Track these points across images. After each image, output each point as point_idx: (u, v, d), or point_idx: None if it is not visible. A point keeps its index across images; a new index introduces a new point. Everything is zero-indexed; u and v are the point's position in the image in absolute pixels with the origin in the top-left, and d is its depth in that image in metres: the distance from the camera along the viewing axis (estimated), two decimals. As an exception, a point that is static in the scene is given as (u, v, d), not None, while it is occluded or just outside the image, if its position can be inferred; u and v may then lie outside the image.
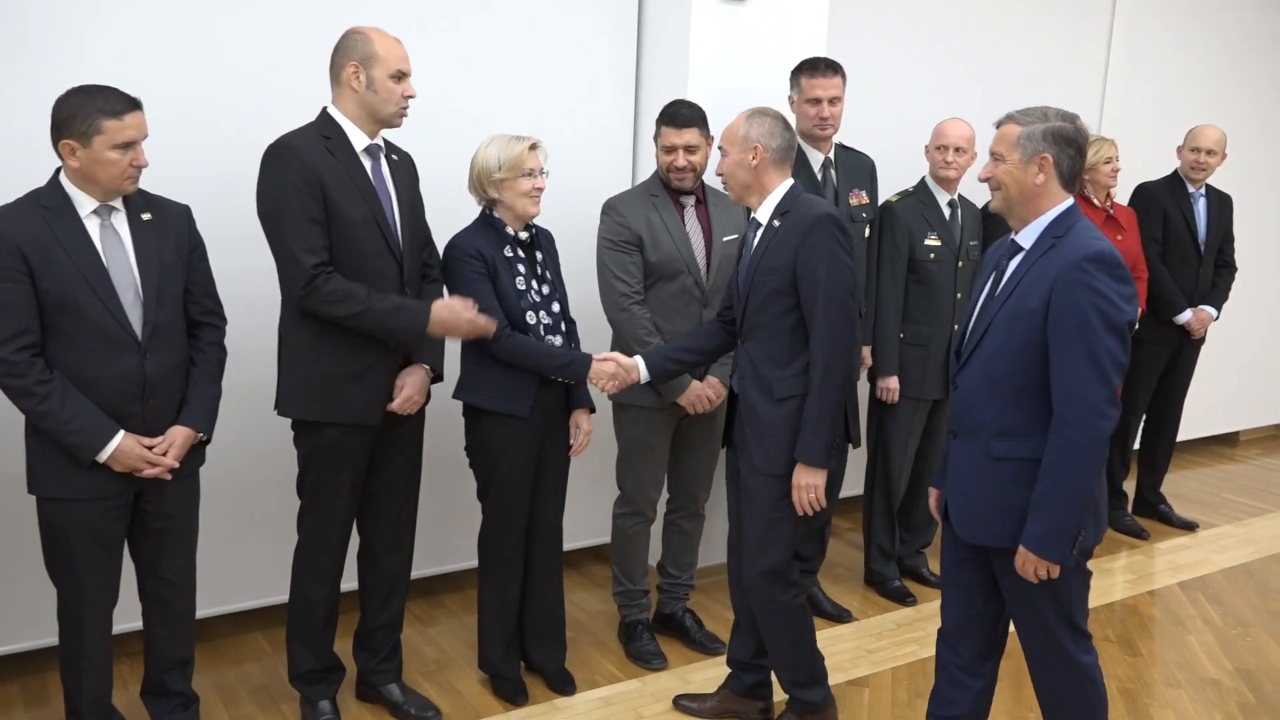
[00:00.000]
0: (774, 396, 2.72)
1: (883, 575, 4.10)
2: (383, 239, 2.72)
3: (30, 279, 2.35)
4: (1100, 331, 2.15)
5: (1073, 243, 2.23)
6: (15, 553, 3.01)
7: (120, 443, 2.43)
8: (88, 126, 2.34)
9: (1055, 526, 2.21)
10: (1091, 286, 2.16)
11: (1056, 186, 2.29)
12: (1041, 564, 2.24)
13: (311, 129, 2.70)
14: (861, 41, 4.45)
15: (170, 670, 2.77)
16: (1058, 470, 2.20)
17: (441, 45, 3.53)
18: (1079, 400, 2.16)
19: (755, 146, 2.70)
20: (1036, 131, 2.28)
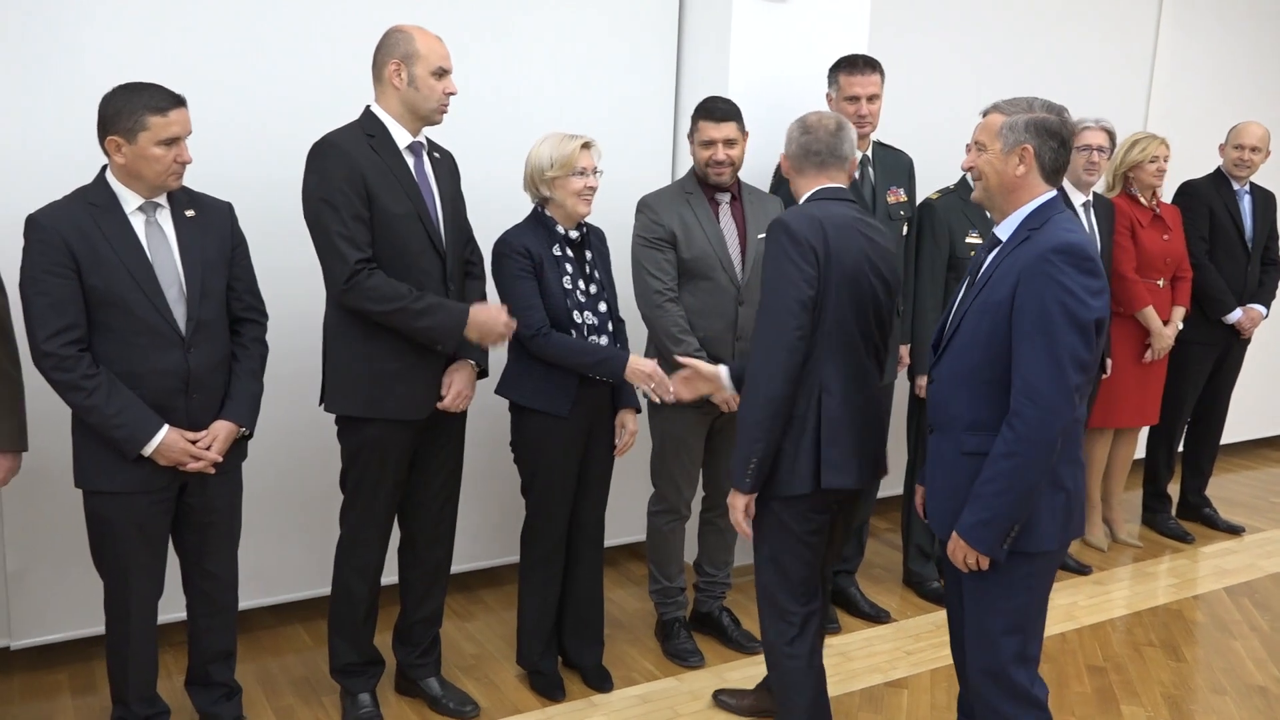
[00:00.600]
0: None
1: (921, 576, 4.07)
2: (426, 235, 2.74)
3: (77, 275, 2.39)
4: (1061, 326, 2.08)
5: (1045, 234, 2.16)
6: (64, 544, 3.07)
7: (165, 437, 2.47)
8: (133, 123, 2.38)
9: (990, 518, 2.15)
10: (1055, 279, 2.09)
11: (1037, 178, 2.24)
12: (971, 553, 2.20)
13: (355, 127, 2.73)
14: (902, 38, 4.43)
15: (213, 661, 2.81)
16: (1001, 462, 2.13)
17: (484, 44, 3.55)
18: (1034, 395, 2.10)
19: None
20: (1019, 122, 2.22)
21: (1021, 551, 2.20)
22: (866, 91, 3.50)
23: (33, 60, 2.90)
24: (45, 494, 3.02)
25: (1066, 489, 2.22)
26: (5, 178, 2.88)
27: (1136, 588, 4.25)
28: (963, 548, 2.21)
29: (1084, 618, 3.90)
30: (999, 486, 2.14)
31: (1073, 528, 2.27)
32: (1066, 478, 2.21)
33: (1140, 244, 4.29)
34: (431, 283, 2.75)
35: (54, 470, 2.94)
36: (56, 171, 2.73)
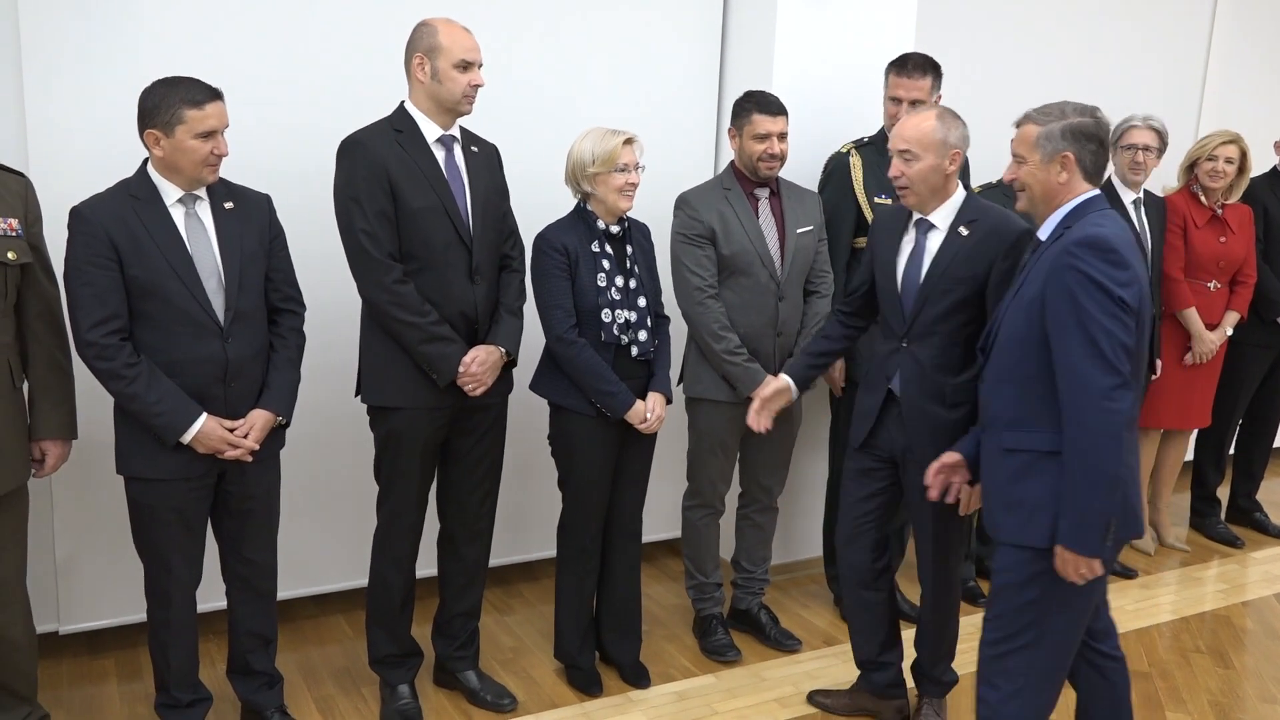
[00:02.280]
0: (946, 403, 2.70)
1: (961, 575, 4.01)
2: (452, 228, 2.75)
3: (119, 266, 2.44)
4: (1094, 313, 2.09)
5: (1073, 230, 2.19)
6: (112, 531, 3.12)
7: (203, 425, 2.50)
8: (170, 116, 2.42)
9: (1082, 518, 2.13)
10: (1079, 269, 2.11)
11: (1080, 181, 2.27)
12: (1081, 561, 2.15)
13: (384, 123, 2.76)
14: (951, 34, 4.37)
15: (253, 648, 2.85)
16: (1073, 459, 2.13)
17: (527, 39, 3.56)
18: (1081, 386, 2.10)
19: (955, 152, 2.66)
20: (1055, 130, 2.25)
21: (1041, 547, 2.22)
22: (909, 95, 3.41)
23: (79, 55, 2.95)
24: (95, 482, 3.08)
25: (1126, 485, 2.18)
26: (54, 171, 2.93)
27: (1184, 593, 4.17)
28: (1070, 559, 2.17)
29: (1129, 623, 3.83)
30: (1079, 485, 2.13)
31: (1128, 526, 2.24)
32: (1124, 475, 2.17)
33: (1191, 244, 4.20)
34: (457, 276, 2.77)
35: (103, 458, 2.98)
36: (103, 164, 2.77)
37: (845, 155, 3.55)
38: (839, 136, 3.69)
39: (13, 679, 2.58)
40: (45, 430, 2.56)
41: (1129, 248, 2.16)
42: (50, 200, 2.75)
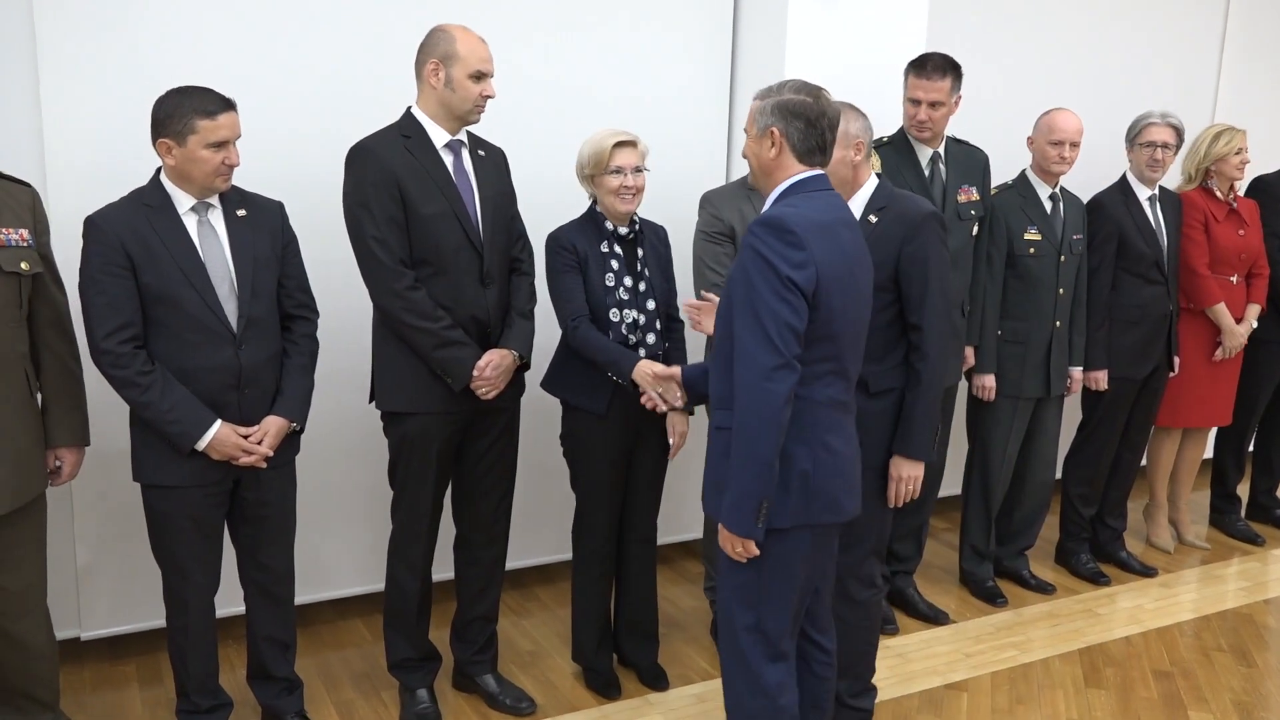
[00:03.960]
0: (869, 391, 2.69)
1: (976, 575, 4.01)
2: (463, 233, 2.76)
3: (133, 274, 2.45)
4: (762, 292, 2.09)
5: (766, 209, 2.22)
6: (132, 537, 3.13)
7: (217, 432, 2.51)
8: (183, 126, 2.43)
9: (735, 497, 2.14)
10: (755, 249, 2.12)
11: (791, 160, 2.24)
12: (735, 540, 2.17)
13: (392, 129, 2.77)
14: (964, 32, 4.34)
15: (272, 654, 2.85)
16: (735, 438, 2.12)
17: (538, 39, 3.56)
18: (746, 365, 2.10)
19: (858, 141, 2.68)
20: (767, 105, 2.24)
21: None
22: (928, 97, 3.40)
23: (91, 62, 2.96)
24: (115, 488, 3.09)
25: (805, 470, 2.20)
26: (66, 180, 2.95)
27: (1204, 591, 4.14)
28: (726, 536, 2.20)
29: (1150, 621, 3.81)
30: (736, 463, 2.12)
31: (814, 510, 2.23)
32: (802, 458, 2.20)
33: (1214, 239, 4.17)
34: (469, 280, 2.77)
35: (123, 465, 2.98)
36: (120, 173, 2.78)
37: (862, 156, 3.53)
38: (853, 136, 3.67)
39: (35, 686, 2.60)
40: (60, 438, 2.58)
41: (816, 229, 2.14)
42: (67, 209, 2.78)
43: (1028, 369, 3.80)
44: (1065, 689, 3.31)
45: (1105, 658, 3.52)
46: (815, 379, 2.19)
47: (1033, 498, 4.03)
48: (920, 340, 2.67)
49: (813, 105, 2.22)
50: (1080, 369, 3.96)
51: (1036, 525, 4.09)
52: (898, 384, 2.71)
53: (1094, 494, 4.25)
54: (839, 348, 2.22)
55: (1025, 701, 3.22)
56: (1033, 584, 4.05)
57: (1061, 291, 3.80)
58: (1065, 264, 3.80)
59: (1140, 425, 4.22)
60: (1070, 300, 3.86)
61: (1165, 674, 3.43)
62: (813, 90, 2.24)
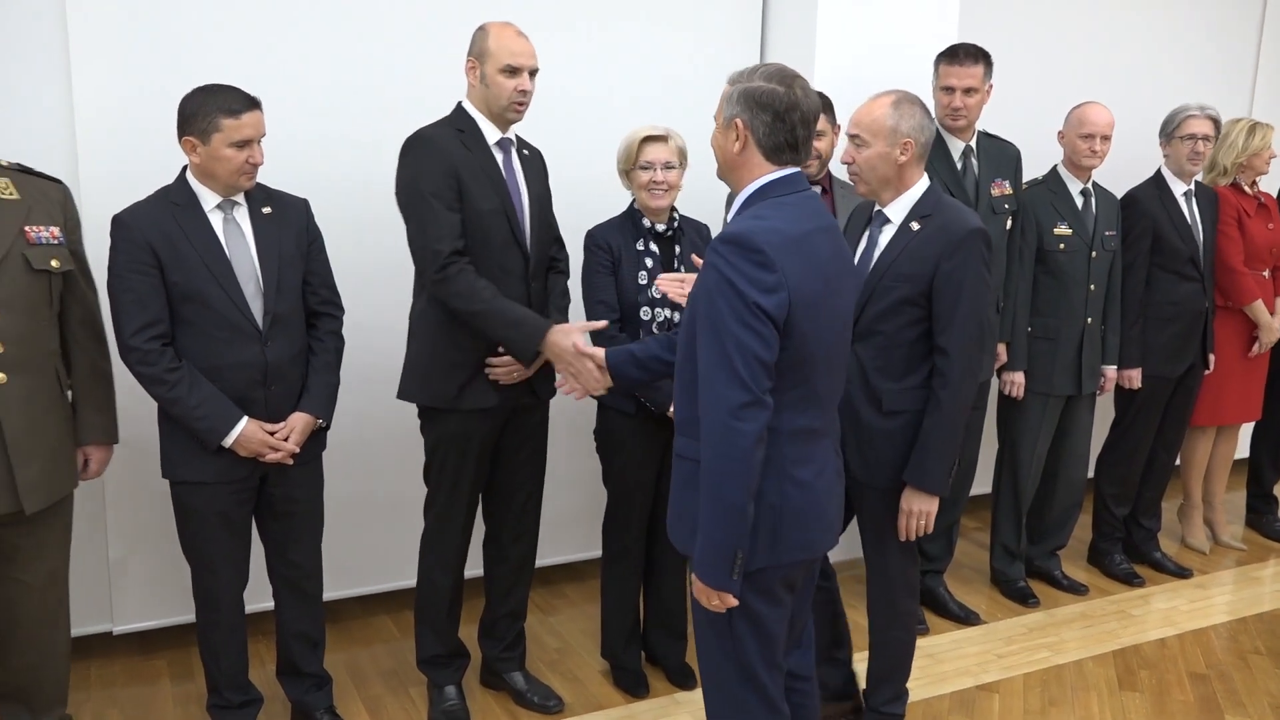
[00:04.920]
0: (882, 409, 2.57)
1: (1007, 575, 3.97)
2: (510, 232, 2.75)
3: (160, 272, 2.47)
4: (727, 320, 1.85)
5: (732, 222, 1.96)
6: (164, 532, 3.14)
7: (244, 428, 2.52)
8: (207, 124, 2.44)
9: (707, 548, 1.91)
10: (720, 271, 1.87)
11: (758, 156, 1.98)
12: (710, 592, 1.94)
13: (446, 123, 2.75)
14: (997, 25, 4.28)
15: (301, 650, 2.87)
16: (703, 480, 1.89)
17: (570, 40, 3.55)
18: (710, 400, 1.87)
19: (907, 141, 2.51)
20: (734, 92, 1.97)
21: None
22: (962, 84, 3.40)
23: (123, 59, 2.98)
24: (146, 484, 3.10)
25: (772, 504, 1.97)
26: (98, 178, 2.97)
27: (1241, 592, 4.08)
28: (701, 589, 1.96)
29: (1185, 623, 3.76)
30: (704, 511, 1.90)
31: (781, 549, 2.00)
32: (771, 492, 1.97)
33: (1247, 234, 4.11)
34: (513, 279, 2.76)
35: (154, 461, 3.01)
36: (151, 171, 2.80)
37: (892, 150, 3.51)
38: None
39: (46, 682, 2.59)
40: (89, 435, 2.59)
41: (787, 246, 1.89)
42: (100, 207, 2.79)
43: (1058, 366, 3.76)
44: (1099, 691, 3.27)
45: (1140, 660, 3.47)
46: (783, 408, 1.94)
47: (1065, 497, 3.98)
48: (945, 365, 2.50)
49: (783, 96, 1.93)
50: (1114, 367, 3.91)
51: (1069, 525, 4.04)
52: (914, 406, 2.54)
53: (1128, 493, 4.19)
54: (811, 372, 1.98)
55: (1058, 704, 3.18)
56: (1065, 584, 4.00)
57: (1093, 288, 3.75)
58: (1097, 260, 3.75)
59: (1175, 423, 4.16)
60: (1103, 297, 3.81)
61: (1201, 677, 3.38)
62: (786, 78, 1.95)
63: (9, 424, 2.33)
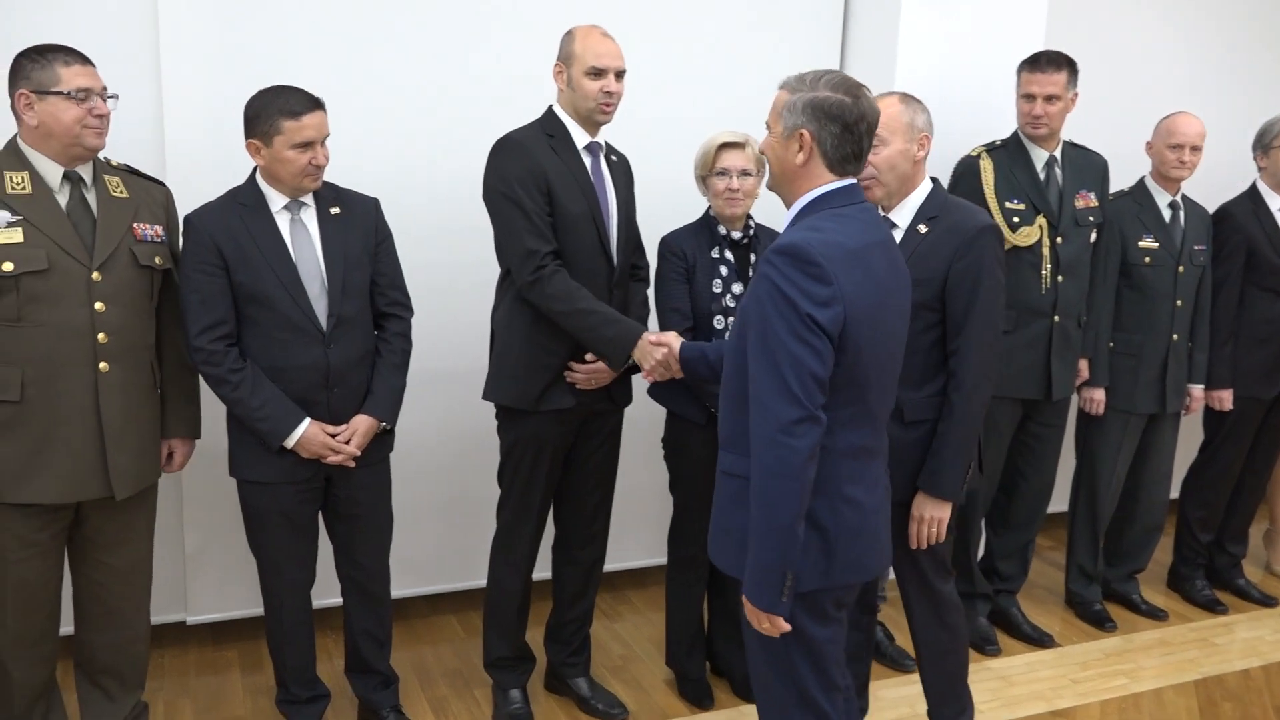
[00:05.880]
0: (904, 419, 2.48)
1: (1083, 597, 3.86)
2: (597, 237, 2.74)
3: (226, 273, 2.50)
4: (781, 334, 1.81)
5: (786, 232, 1.92)
6: (239, 527, 3.19)
7: (306, 430, 2.54)
8: (269, 126, 2.46)
9: (757, 569, 1.87)
10: (773, 282, 1.83)
11: (821, 168, 1.94)
12: (761, 615, 1.90)
13: (536, 126, 2.75)
14: (1082, 33, 4.18)
15: (368, 649, 2.88)
16: (754, 500, 1.85)
17: (648, 45, 3.51)
18: (761, 416, 1.83)
19: (924, 135, 2.47)
20: (798, 102, 1.93)
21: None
22: (1043, 91, 3.31)
23: (210, 63, 3.03)
24: (223, 478, 3.13)
25: (825, 525, 1.94)
26: (183, 180, 3.00)
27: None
28: (752, 611, 1.93)
29: (1271, 654, 3.62)
30: (756, 531, 1.86)
31: (835, 571, 1.96)
32: (823, 512, 1.93)
33: None
34: (597, 285, 2.74)
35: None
36: (231, 173, 2.84)
37: (975, 159, 3.44)
38: (965, 140, 3.56)
39: (126, 666, 2.65)
40: (175, 429, 2.64)
41: (844, 258, 1.86)
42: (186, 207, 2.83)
43: (1141, 383, 3.65)
44: (1180, 722, 3.16)
45: (1223, 691, 3.35)
46: (837, 426, 1.91)
47: (1145, 518, 3.87)
48: (958, 367, 2.44)
49: (851, 107, 1.91)
50: (1201, 387, 3.79)
51: (1149, 548, 3.92)
52: (936, 414, 2.49)
53: (1214, 518, 4.05)
54: (865, 390, 1.94)
55: (1137, 733, 3.09)
56: (1144, 609, 3.88)
57: (1180, 303, 3.64)
58: (1184, 275, 3.64)
59: (1266, 447, 4.01)
60: (1190, 313, 3.70)
61: (1288, 711, 3.25)
62: (852, 88, 1.93)
63: (107, 411, 2.39)
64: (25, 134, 2.34)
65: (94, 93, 2.33)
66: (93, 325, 2.35)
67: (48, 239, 2.30)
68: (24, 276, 2.27)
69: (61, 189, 2.37)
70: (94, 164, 2.43)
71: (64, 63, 2.30)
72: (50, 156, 2.34)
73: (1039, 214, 3.37)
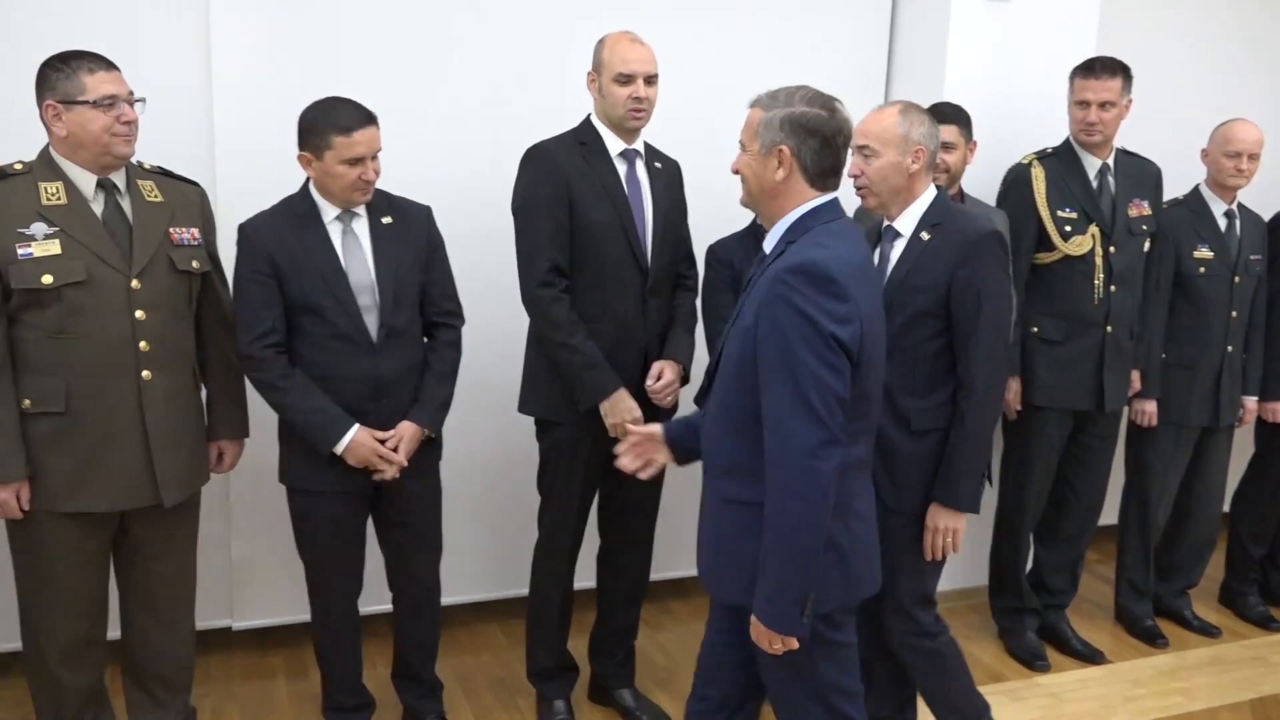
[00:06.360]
0: (910, 429, 2.46)
1: (1134, 613, 3.79)
2: (627, 245, 2.72)
3: (278, 282, 2.50)
4: (804, 356, 1.80)
5: (793, 250, 1.90)
6: (284, 533, 3.19)
7: (355, 435, 2.52)
8: (320, 140, 2.45)
9: (776, 590, 1.86)
10: (790, 301, 1.82)
11: (801, 183, 1.95)
12: (774, 636, 1.89)
13: (569, 134, 2.76)
14: (1135, 38, 4.11)
15: (416, 657, 2.88)
16: (772, 521, 1.84)
17: (694, 51, 3.51)
18: (783, 435, 1.82)
19: (918, 148, 2.42)
20: (775, 118, 1.93)
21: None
22: (1098, 98, 3.26)
23: (261, 68, 3.04)
24: (269, 483, 3.13)
25: (840, 542, 1.94)
26: (233, 184, 3.04)
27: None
28: (763, 632, 1.91)
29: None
30: (776, 552, 1.85)
31: (854, 588, 1.99)
32: (839, 531, 1.92)
33: None
34: (629, 295, 2.73)
35: (277, 463, 3.08)
36: (280, 177, 2.84)
37: (1026, 167, 3.39)
38: (1016, 147, 3.52)
39: (172, 670, 2.66)
40: (223, 430, 2.65)
41: (854, 274, 1.88)
42: (236, 211, 2.84)
43: (1195, 396, 3.59)
44: (1237, 742, 3.10)
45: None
46: (849, 441, 1.91)
47: (1198, 532, 3.80)
48: (967, 376, 2.41)
49: (829, 121, 1.93)
50: (1255, 399, 3.71)
51: (1202, 563, 3.85)
52: (944, 424, 2.45)
53: (1266, 532, 3.97)
54: (870, 403, 1.97)
55: (1193, 753, 3.03)
56: (1196, 625, 3.81)
57: (1235, 314, 3.58)
58: (1240, 285, 3.57)
59: (1322, 460, 3.93)
60: (1245, 324, 3.63)
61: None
62: (827, 102, 1.95)
63: (151, 419, 2.39)
64: (56, 144, 2.34)
65: (120, 99, 2.31)
66: (134, 334, 2.35)
67: (85, 249, 2.30)
68: (64, 288, 2.27)
69: (96, 197, 2.36)
70: (127, 169, 2.42)
71: (88, 70, 2.28)
72: (82, 165, 2.34)
73: (1091, 223, 3.32)
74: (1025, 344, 3.38)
